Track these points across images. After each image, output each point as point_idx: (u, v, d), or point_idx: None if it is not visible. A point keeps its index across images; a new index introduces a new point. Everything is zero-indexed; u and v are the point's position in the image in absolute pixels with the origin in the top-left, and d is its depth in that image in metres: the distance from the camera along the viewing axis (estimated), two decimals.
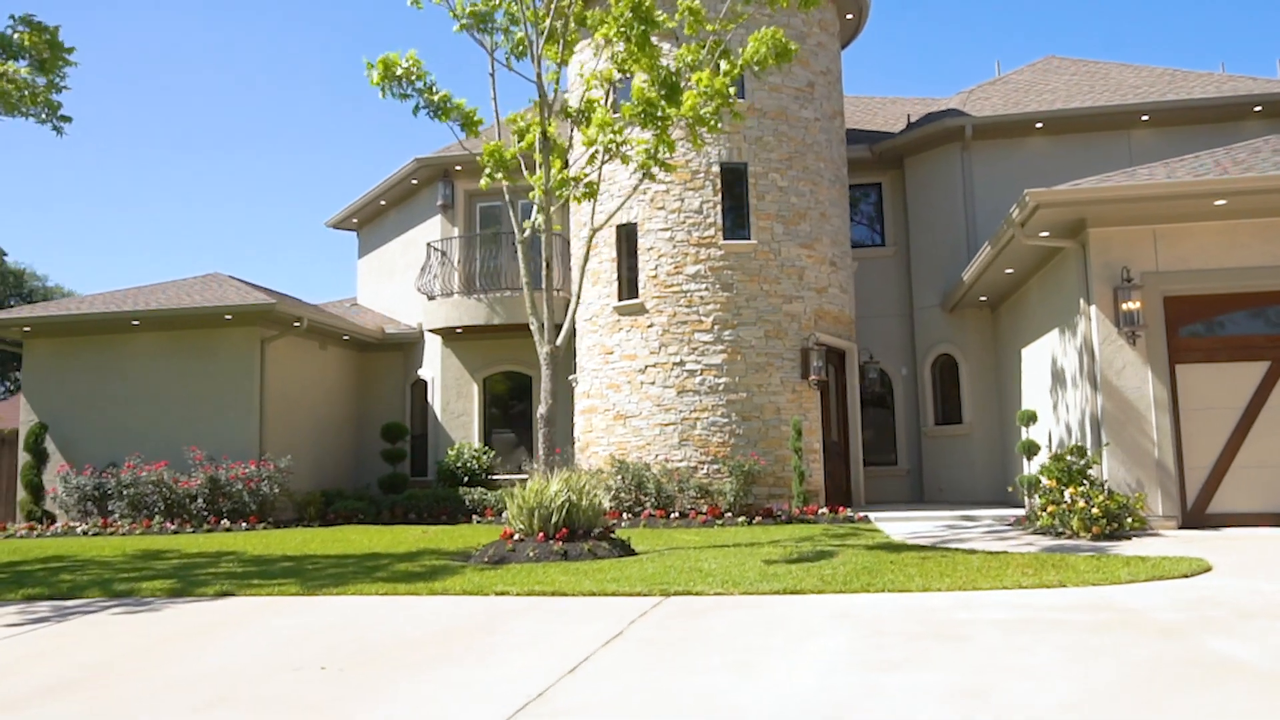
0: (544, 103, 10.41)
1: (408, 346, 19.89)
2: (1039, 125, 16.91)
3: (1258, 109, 16.44)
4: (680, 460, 14.72)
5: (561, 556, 9.48)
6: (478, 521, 15.90)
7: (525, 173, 10.79)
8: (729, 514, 13.82)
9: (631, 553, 9.92)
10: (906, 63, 63.49)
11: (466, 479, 17.07)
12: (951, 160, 17.33)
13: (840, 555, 9.09)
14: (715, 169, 15.19)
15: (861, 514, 13.83)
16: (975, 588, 6.94)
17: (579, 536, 9.88)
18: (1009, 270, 13.71)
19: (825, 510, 13.85)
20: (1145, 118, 16.64)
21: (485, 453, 17.44)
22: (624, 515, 14.26)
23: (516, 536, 9.95)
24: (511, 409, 18.57)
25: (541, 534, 9.81)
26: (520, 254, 10.96)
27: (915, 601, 6.53)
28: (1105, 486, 10.53)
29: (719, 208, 15.13)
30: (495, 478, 17.50)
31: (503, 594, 7.52)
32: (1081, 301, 11.15)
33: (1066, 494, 10.25)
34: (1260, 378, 10.63)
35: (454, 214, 18.99)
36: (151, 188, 71.18)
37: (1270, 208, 10.54)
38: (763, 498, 14.52)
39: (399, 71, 9.65)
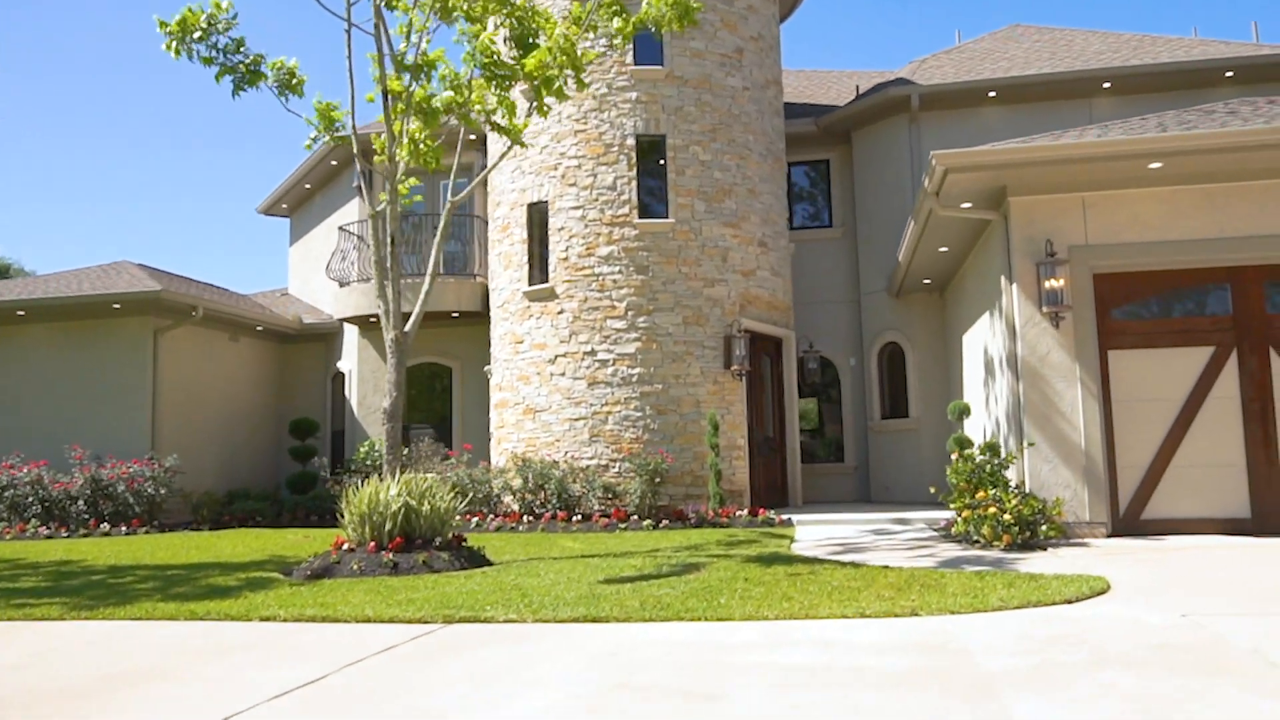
0: (383, 53, 9.22)
1: (329, 338, 18.76)
2: (992, 94, 15.60)
3: (1229, 74, 15.10)
4: (590, 458, 13.53)
5: (390, 570, 8.34)
6: None
7: (372, 139, 9.58)
8: (635, 517, 12.62)
9: (477, 564, 8.76)
10: (867, 37, 61.67)
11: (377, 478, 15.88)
12: (899, 133, 16.05)
13: (707, 569, 7.92)
14: (630, 141, 13.97)
15: (785, 516, 12.62)
16: (811, 615, 5.75)
17: (418, 546, 8.73)
18: (943, 249, 12.45)
19: (743, 512, 12.64)
20: (1108, 85, 15.33)
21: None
22: (524, 518, 13.10)
23: (347, 546, 8.81)
24: (431, 403, 17.40)
25: (374, 543, 8.66)
26: (371, 230, 9.78)
27: (721, 636, 5.33)
28: (1021, 489, 9.30)
29: (634, 183, 13.91)
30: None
31: (269, 619, 6.42)
32: (1003, 280, 9.90)
33: (979, 498, 9.01)
34: (1203, 365, 9.36)
35: (372, 195, 17.76)
36: (138, 178, 70.43)
37: (1214, 171, 9.26)
38: (678, 498, 13.32)
39: (197, 34, 8.43)
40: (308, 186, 19.78)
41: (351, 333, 17.80)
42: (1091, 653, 4.58)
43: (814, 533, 11.40)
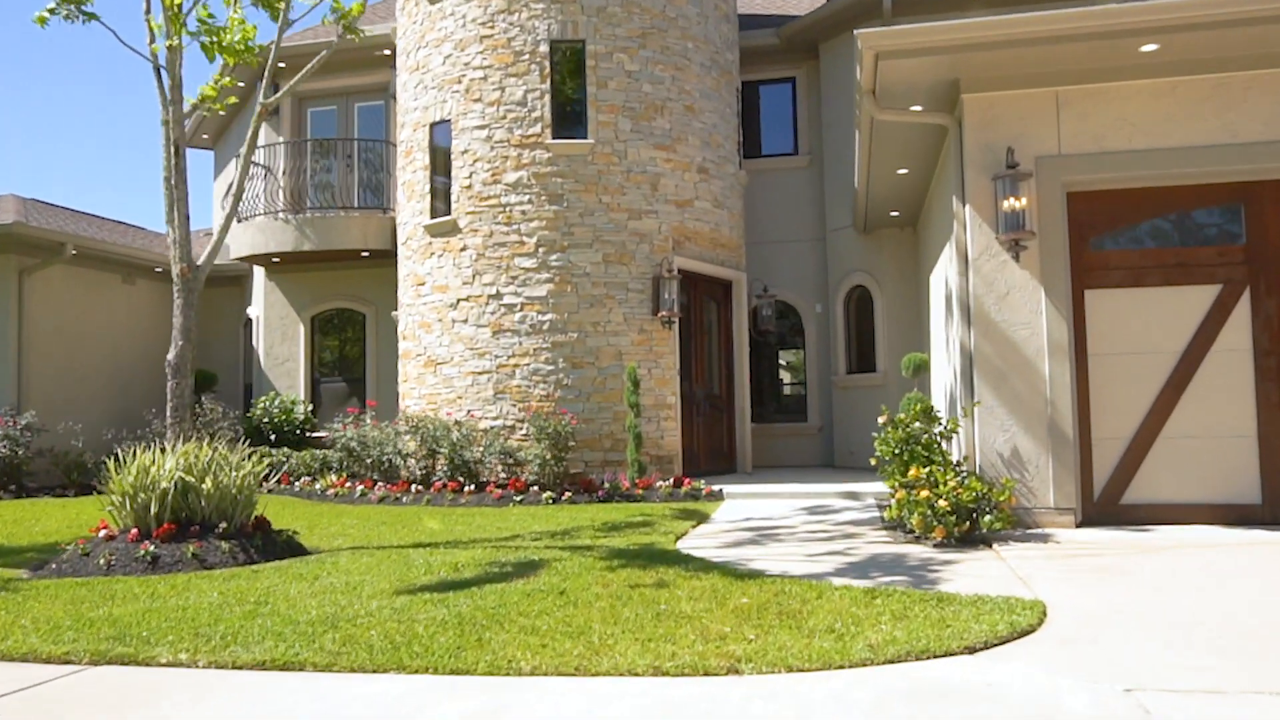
0: None
1: (242, 280, 16.95)
2: None
3: None
4: (495, 418, 11.69)
5: (148, 565, 6.58)
6: (268, 490, 13.04)
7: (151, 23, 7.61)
8: (536, 487, 10.80)
9: (272, 556, 6.97)
10: None
11: (275, 437, 14.18)
12: None
13: (541, 572, 6.12)
14: (543, 48, 11.88)
15: (717, 488, 10.73)
16: (584, 669, 3.93)
17: (194, 534, 6.92)
18: (902, 170, 10.39)
19: (667, 483, 10.78)
20: None
21: (298, 404, 14.53)
22: (414, 487, 11.31)
23: (105, 533, 7.04)
24: (344, 353, 15.59)
25: (136, 530, 6.88)
26: (170, 143, 7.83)
27: (408, 713, 3.50)
28: (969, 465, 7.37)
29: (547, 97, 11.86)
30: (316, 435, 14.60)
31: None
32: (955, 201, 7.86)
33: (911, 476, 7.09)
34: (1206, 309, 7.32)
35: (279, 120, 15.85)
36: (45, 112, 68.33)
37: (1226, 56, 7.14)
38: (595, 465, 11.48)
39: None
40: (222, 113, 17.79)
41: (260, 275, 15.96)
42: None
43: (736, 510, 9.55)
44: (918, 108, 8.14)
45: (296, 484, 12.77)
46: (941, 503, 6.67)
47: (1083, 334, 7.45)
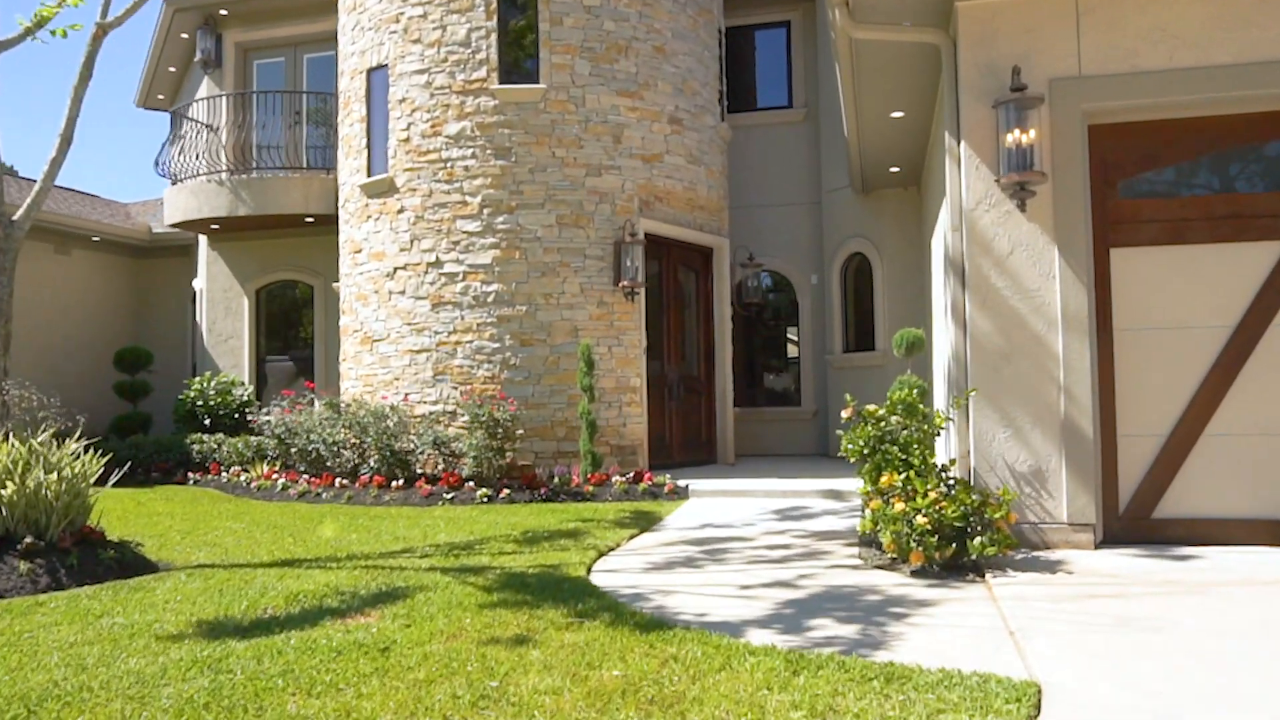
0: None
1: (191, 250, 15.64)
2: None
3: None
4: (434, 402, 10.30)
5: None
6: (194, 482, 11.78)
7: None
8: (472, 482, 9.41)
9: (88, 579, 5.65)
10: None
11: (210, 421, 12.89)
12: None
13: (395, 608, 4.74)
14: None
15: (681, 483, 9.30)
16: None
17: None
18: (896, 114, 8.83)
19: (625, 477, 9.36)
20: None
21: (237, 385, 13.21)
22: (338, 481, 9.97)
23: None
24: (290, 330, 14.25)
25: None
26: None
27: None
28: (952, 472, 5.88)
29: (494, 37, 10.37)
30: (256, 419, 13.28)
31: None
32: (947, 138, 6.33)
33: (884, 484, 5.62)
34: (1266, 272, 5.76)
35: (221, 74, 14.47)
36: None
37: None
38: (547, 456, 10.07)
39: None
40: (172, 69, 16.42)
41: (204, 244, 14.64)
42: None
43: (695, 514, 8.13)
44: (905, 23, 6.59)
45: (225, 474, 11.51)
46: (920, 519, 5.20)
47: (1107, 304, 5.92)
